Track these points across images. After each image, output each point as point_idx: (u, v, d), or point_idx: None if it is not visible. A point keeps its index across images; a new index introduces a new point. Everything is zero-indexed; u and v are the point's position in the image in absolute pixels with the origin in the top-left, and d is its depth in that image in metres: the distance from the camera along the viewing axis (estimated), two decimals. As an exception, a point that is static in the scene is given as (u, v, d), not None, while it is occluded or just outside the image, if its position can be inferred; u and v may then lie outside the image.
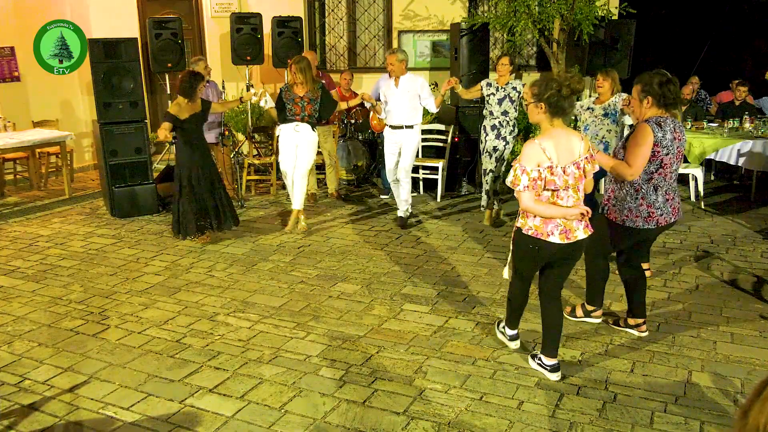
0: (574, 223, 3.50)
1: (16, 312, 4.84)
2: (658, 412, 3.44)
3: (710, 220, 7.04)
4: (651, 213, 3.99)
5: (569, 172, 3.43)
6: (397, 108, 6.75)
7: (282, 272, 5.59)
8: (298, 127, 6.55)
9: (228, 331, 4.47)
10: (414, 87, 6.71)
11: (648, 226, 4.01)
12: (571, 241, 3.50)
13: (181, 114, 5.96)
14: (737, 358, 4.01)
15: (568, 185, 3.44)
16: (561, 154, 3.42)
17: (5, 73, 9.04)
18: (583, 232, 3.54)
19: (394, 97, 6.74)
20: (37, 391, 3.72)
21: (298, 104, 6.53)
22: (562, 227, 3.48)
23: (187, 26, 9.77)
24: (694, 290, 5.09)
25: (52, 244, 6.44)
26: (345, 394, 3.65)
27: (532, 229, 3.52)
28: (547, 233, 3.48)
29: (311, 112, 6.55)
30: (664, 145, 3.86)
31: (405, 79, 6.72)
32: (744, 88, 8.71)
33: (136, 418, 3.45)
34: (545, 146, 3.40)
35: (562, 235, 3.48)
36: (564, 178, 3.42)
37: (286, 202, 8.01)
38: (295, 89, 6.56)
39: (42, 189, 8.90)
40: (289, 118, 6.57)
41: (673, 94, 3.88)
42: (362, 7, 10.22)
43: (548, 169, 3.40)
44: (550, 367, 3.78)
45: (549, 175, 3.40)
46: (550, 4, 7.87)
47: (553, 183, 3.41)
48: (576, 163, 3.44)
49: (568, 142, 3.46)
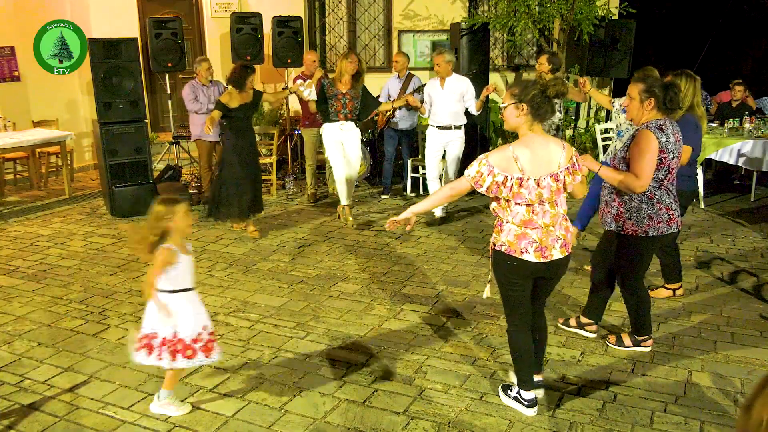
0: (550, 240, 3.18)
1: (17, 312, 4.84)
2: (658, 412, 3.44)
3: (710, 220, 7.03)
4: (671, 215, 3.80)
5: (544, 184, 3.11)
6: (442, 109, 6.76)
7: (282, 272, 5.59)
8: (343, 126, 6.68)
9: (228, 331, 4.47)
10: (460, 88, 6.74)
11: (671, 230, 3.82)
12: (547, 260, 3.19)
13: (231, 103, 6.25)
14: (737, 358, 4.01)
15: (543, 199, 3.12)
16: (536, 166, 3.11)
17: (5, 73, 9.04)
18: (560, 252, 3.22)
19: (440, 98, 6.76)
20: (37, 391, 3.72)
21: (340, 101, 6.61)
22: (537, 244, 3.16)
23: (187, 26, 9.77)
24: (694, 290, 5.09)
25: (53, 244, 6.44)
26: (345, 394, 3.65)
27: (505, 245, 3.21)
28: (521, 250, 3.17)
29: (352, 109, 6.67)
30: (669, 149, 3.68)
31: (451, 80, 6.74)
32: (741, 88, 8.71)
33: (136, 418, 3.45)
34: (518, 155, 3.10)
35: (537, 253, 3.16)
36: (537, 192, 3.10)
37: (286, 201, 8.02)
38: (338, 85, 6.64)
39: (42, 189, 8.90)
40: (332, 116, 6.67)
41: (677, 99, 3.74)
42: (362, 6, 10.23)
43: (517, 180, 3.09)
44: (528, 403, 3.44)
45: (517, 188, 3.09)
46: (550, 3, 7.87)
47: (522, 197, 3.11)
48: (554, 175, 3.13)
49: (546, 152, 3.15)
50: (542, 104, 3.16)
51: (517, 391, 3.46)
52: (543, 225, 3.17)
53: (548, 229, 3.18)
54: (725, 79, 9.71)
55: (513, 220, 3.19)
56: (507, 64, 9.95)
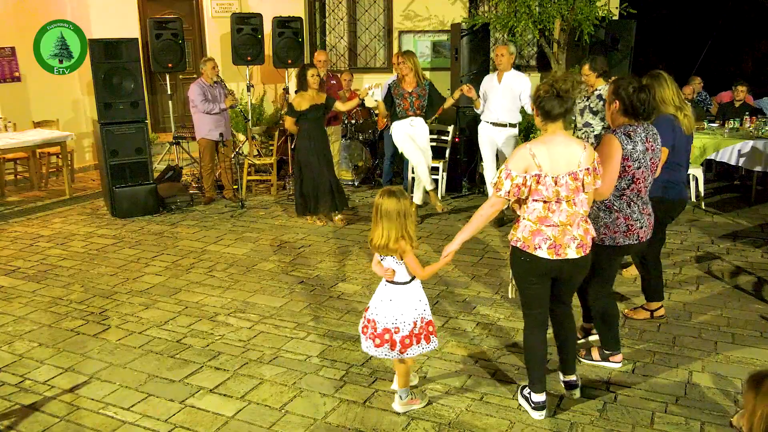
0: (565, 239, 3.18)
1: (17, 312, 4.84)
2: (658, 412, 3.44)
3: (710, 220, 7.03)
4: (630, 226, 3.62)
5: (562, 182, 3.11)
6: (497, 104, 6.73)
7: (282, 273, 5.59)
8: (413, 122, 6.77)
9: (228, 332, 4.47)
10: (519, 85, 6.69)
11: (629, 241, 3.63)
12: (560, 257, 3.18)
13: (301, 105, 6.61)
14: (738, 358, 4.01)
15: (561, 197, 3.12)
16: (554, 163, 3.11)
17: (6, 74, 9.05)
18: (576, 252, 3.19)
19: (496, 94, 6.73)
20: (37, 392, 3.73)
21: (406, 99, 6.70)
22: (551, 241, 3.16)
23: (187, 26, 9.77)
24: (694, 291, 5.08)
25: (53, 245, 6.45)
26: (345, 395, 3.65)
27: (520, 241, 3.23)
28: (534, 246, 3.18)
29: (419, 107, 6.75)
30: (635, 158, 3.50)
31: (510, 76, 6.70)
32: (743, 88, 8.71)
33: (137, 419, 3.45)
34: (536, 152, 3.11)
35: (550, 251, 3.17)
36: (555, 189, 3.11)
37: (286, 202, 8.01)
38: (403, 84, 6.74)
39: (42, 189, 8.90)
40: (400, 114, 6.77)
41: (644, 105, 3.51)
42: (363, 7, 10.23)
43: (535, 177, 3.11)
44: (568, 384, 3.56)
45: (534, 185, 3.11)
46: (550, 4, 7.87)
47: (539, 193, 3.12)
48: (572, 174, 3.12)
49: (566, 150, 3.15)
50: (548, 103, 3.14)
51: (528, 392, 3.45)
52: (559, 223, 3.16)
53: (565, 228, 3.17)
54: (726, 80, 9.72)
55: (529, 217, 3.20)
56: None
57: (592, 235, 3.31)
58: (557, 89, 3.13)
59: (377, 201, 3.24)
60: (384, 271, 3.32)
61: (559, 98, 3.14)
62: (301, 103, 6.60)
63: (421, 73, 6.75)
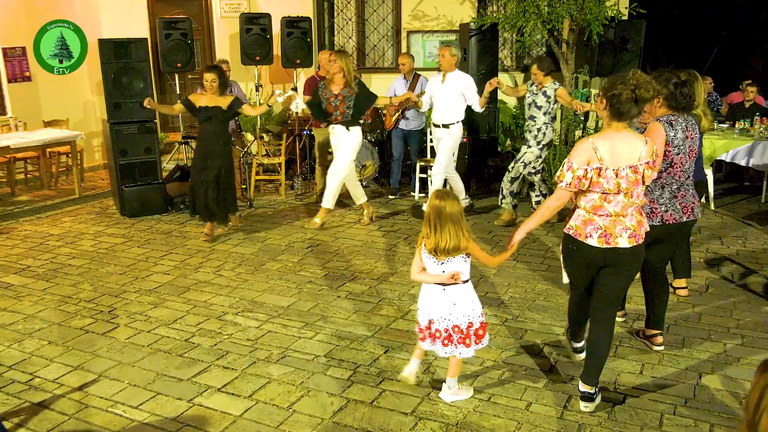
0: (617, 229, 3.27)
1: (27, 310, 4.87)
2: (667, 414, 3.42)
3: (720, 221, 6.99)
4: (654, 209, 3.88)
5: (623, 175, 3.20)
6: (440, 105, 6.72)
7: (290, 272, 5.59)
8: (334, 129, 6.57)
9: (236, 331, 4.48)
10: (461, 84, 6.67)
11: (652, 223, 3.81)
12: (610, 246, 3.27)
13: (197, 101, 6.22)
14: (747, 360, 3.98)
15: (620, 189, 3.22)
16: (615, 157, 3.21)
17: (17, 73, 9.10)
18: (627, 241, 3.27)
19: (440, 94, 6.71)
20: (46, 389, 3.75)
21: (331, 103, 6.47)
22: (602, 231, 3.27)
23: (196, 26, 9.80)
24: (704, 292, 5.06)
25: (63, 243, 6.48)
26: (353, 394, 3.65)
27: (572, 229, 3.37)
28: (586, 235, 3.31)
29: (344, 110, 6.48)
30: (675, 144, 3.80)
31: (453, 76, 6.70)
32: (753, 88, 8.66)
33: (145, 417, 3.46)
34: (598, 146, 3.22)
35: (601, 239, 3.28)
36: (616, 182, 3.20)
37: (294, 202, 8.03)
38: (331, 86, 6.49)
39: (52, 188, 8.95)
40: (327, 120, 6.58)
41: (686, 98, 3.81)
42: (371, 7, 10.23)
43: (596, 170, 3.21)
44: (581, 395, 3.45)
45: (596, 177, 3.21)
46: (559, 4, 7.84)
47: (600, 186, 3.22)
48: (633, 167, 3.22)
49: (627, 145, 3.24)
50: (622, 105, 3.20)
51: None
52: (612, 213, 3.28)
53: (617, 219, 3.28)
54: (736, 80, 9.66)
55: (585, 206, 3.33)
56: (516, 64, 9.93)
57: (645, 228, 3.40)
58: (638, 96, 3.18)
59: (438, 205, 3.30)
60: (451, 276, 3.36)
61: (636, 103, 3.21)
62: (199, 99, 6.25)
63: (352, 75, 6.45)
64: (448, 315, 3.40)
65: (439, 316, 3.42)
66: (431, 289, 3.45)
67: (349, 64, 6.43)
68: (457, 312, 3.40)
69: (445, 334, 3.42)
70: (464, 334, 3.42)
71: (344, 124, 6.51)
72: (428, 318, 3.47)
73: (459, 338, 3.42)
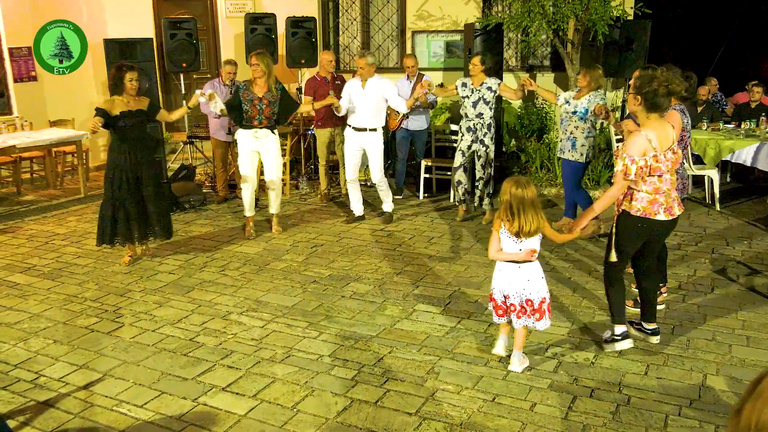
0: (671, 201, 3.85)
1: (32, 309, 4.88)
2: (672, 415, 3.42)
3: (726, 222, 6.97)
4: None
5: (669, 157, 3.77)
6: (362, 110, 6.68)
7: (295, 272, 5.60)
8: (258, 134, 6.30)
9: (241, 330, 4.49)
10: (380, 89, 6.64)
11: None
12: (674, 217, 3.86)
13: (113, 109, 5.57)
14: (753, 361, 3.97)
15: (669, 169, 3.78)
16: (662, 142, 3.73)
17: (23, 73, 9.13)
18: (678, 209, 3.91)
19: (360, 99, 6.66)
20: (52, 388, 3.76)
21: (256, 106, 6.21)
22: (665, 206, 3.82)
23: (201, 26, 9.82)
24: (709, 293, 5.04)
25: (68, 243, 6.50)
26: (357, 394, 3.65)
27: (640, 211, 3.81)
28: (654, 212, 3.81)
29: (269, 115, 6.27)
30: (688, 129, 4.37)
31: (372, 82, 6.65)
32: (759, 89, 8.63)
33: (150, 416, 3.47)
34: (651, 137, 3.70)
35: (666, 213, 3.82)
36: (666, 164, 3.75)
37: (299, 202, 8.04)
38: (254, 88, 6.23)
39: (58, 188, 8.98)
40: (246, 123, 6.27)
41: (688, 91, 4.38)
42: (376, 7, 10.23)
43: (654, 157, 3.70)
44: (651, 331, 4.16)
45: (654, 163, 3.70)
46: (564, 4, 7.83)
47: (659, 169, 3.72)
48: (672, 149, 3.80)
49: (665, 132, 3.78)
50: (655, 99, 3.70)
51: (610, 334, 4.10)
52: (666, 190, 3.83)
53: (669, 193, 3.85)
54: (741, 81, 9.63)
55: (647, 189, 3.80)
56: (521, 64, 9.91)
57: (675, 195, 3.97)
58: (671, 90, 3.69)
59: (518, 193, 3.63)
60: (527, 253, 3.71)
61: (668, 97, 3.73)
62: (113, 107, 5.55)
63: (273, 78, 6.29)
64: (522, 290, 3.75)
65: (514, 291, 3.77)
66: (507, 267, 3.79)
67: (271, 66, 6.25)
68: (530, 287, 3.75)
69: (519, 308, 3.78)
70: (536, 309, 3.76)
71: (269, 128, 6.36)
72: (503, 294, 3.81)
73: (531, 311, 3.76)
